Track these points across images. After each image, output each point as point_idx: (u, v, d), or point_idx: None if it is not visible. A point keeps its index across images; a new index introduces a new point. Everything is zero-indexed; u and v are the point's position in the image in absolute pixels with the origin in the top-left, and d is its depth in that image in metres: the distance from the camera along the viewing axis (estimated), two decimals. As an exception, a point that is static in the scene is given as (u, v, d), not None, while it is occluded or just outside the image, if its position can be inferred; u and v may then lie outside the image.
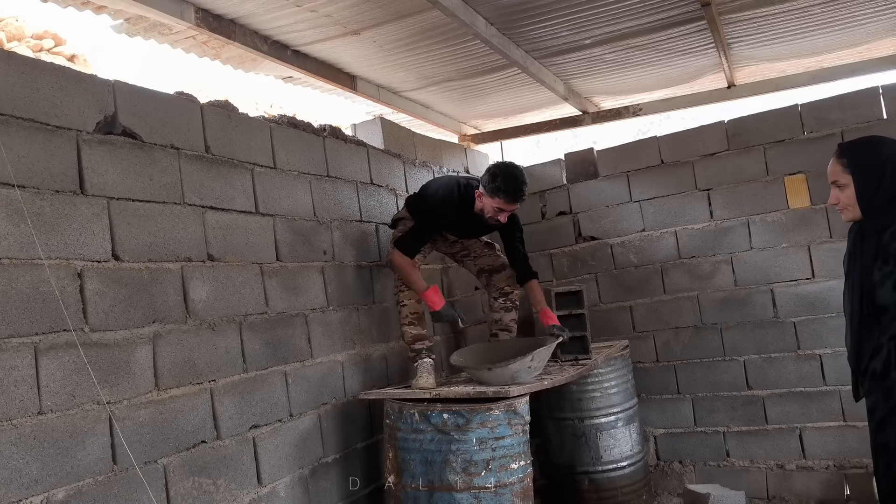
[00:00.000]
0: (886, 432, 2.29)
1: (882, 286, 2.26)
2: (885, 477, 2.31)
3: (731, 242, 4.36)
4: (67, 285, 2.13)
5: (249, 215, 2.89)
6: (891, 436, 2.27)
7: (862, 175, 2.33)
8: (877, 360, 2.30)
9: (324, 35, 3.37)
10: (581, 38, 3.74)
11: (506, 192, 3.25)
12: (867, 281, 2.31)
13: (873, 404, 2.34)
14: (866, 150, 2.39)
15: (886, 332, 2.28)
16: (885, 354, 2.28)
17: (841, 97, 4.14)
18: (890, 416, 2.27)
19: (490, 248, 3.74)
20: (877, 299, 2.29)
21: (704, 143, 4.43)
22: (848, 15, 3.73)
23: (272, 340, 2.90)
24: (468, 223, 3.50)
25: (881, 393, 2.30)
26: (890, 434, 2.27)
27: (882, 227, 2.29)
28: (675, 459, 4.53)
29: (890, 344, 2.27)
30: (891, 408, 2.26)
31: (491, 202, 3.30)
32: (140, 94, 2.49)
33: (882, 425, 2.30)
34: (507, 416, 2.79)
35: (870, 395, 2.36)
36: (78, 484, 2.07)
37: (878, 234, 2.30)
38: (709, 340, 4.42)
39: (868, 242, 2.33)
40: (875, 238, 2.30)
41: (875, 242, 2.30)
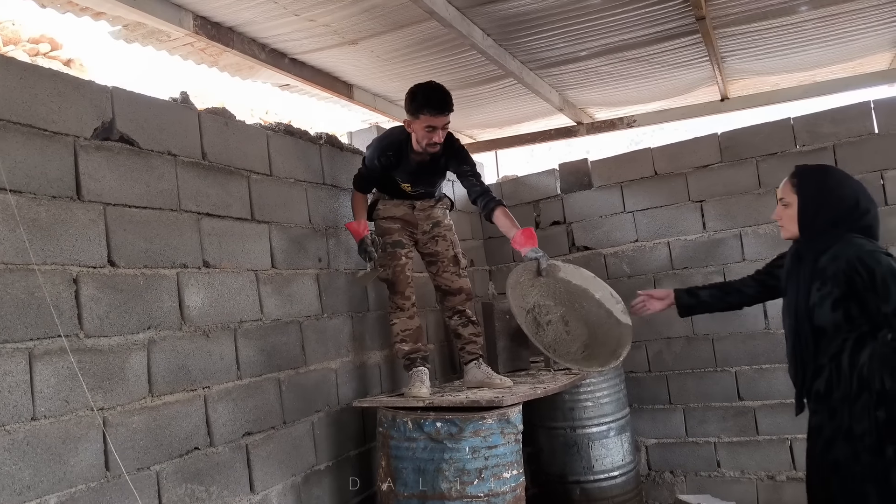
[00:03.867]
0: (835, 451, 2.36)
1: (821, 307, 2.37)
2: (842, 494, 2.35)
3: (724, 254, 4.38)
4: (63, 291, 2.14)
5: (245, 222, 2.90)
6: (838, 455, 2.34)
7: (805, 197, 2.48)
8: (819, 380, 2.40)
9: (321, 44, 3.39)
10: (576, 49, 3.77)
11: (428, 104, 3.05)
12: (804, 302, 2.42)
13: (819, 424, 2.43)
14: (817, 176, 2.53)
15: (826, 353, 2.38)
16: (826, 375, 2.38)
17: (833, 111, 4.18)
18: (836, 434, 2.35)
19: (455, 265, 3.47)
20: (815, 320, 2.40)
21: (698, 155, 4.46)
22: (840, 30, 3.78)
23: (266, 347, 2.90)
24: (415, 164, 3.29)
25: (826, 413, 2.39)
26: (839, 452, 2.34)
27: (820, 251, 2.40)
28: (667, 469, 4.54)
29: (831, 365, 2.37)
30: (836, 427, 2.35)
31: (419, 125, 3.10)
32: (138, 100, 2.50)
33: (830, 444, 2.38)
34: (500, 424, 2.80)
35: (815, 414, 2.45)
36: (70, 490, 2.06)
37: (815, 257, 2.41)
38: (700, 351, 4.44)
39: (805, 264, 2.45)
40: (812, 261, 2.42)
41: (812, 265, 2.42)
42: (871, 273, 2.25)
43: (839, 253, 2.34)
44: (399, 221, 3.41)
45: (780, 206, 2.57)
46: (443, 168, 3.41)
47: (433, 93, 3.08)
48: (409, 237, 3.44)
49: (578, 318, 3.33)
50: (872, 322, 2.29)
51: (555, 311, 3.33)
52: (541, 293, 3.32)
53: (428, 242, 3.46)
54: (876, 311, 2.26)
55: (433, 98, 3.07)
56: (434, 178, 3.47)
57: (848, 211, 2.41)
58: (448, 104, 3.09)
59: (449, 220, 3.55)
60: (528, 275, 3.28)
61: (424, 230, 3.45)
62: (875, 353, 2.28)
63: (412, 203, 3.44)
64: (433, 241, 3.46)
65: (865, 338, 2.31)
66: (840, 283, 2.32)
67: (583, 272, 3.43)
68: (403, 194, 3.41)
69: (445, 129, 3.16)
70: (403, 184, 3.37)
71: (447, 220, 3.54)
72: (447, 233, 3.49)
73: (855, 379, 2.30)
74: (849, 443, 2.31)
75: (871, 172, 4.01)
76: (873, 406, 2.25)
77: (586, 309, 3.34)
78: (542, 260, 3.23)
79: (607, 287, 3.34)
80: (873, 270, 2.25)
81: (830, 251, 2.37)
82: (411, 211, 3.43)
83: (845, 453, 2.32)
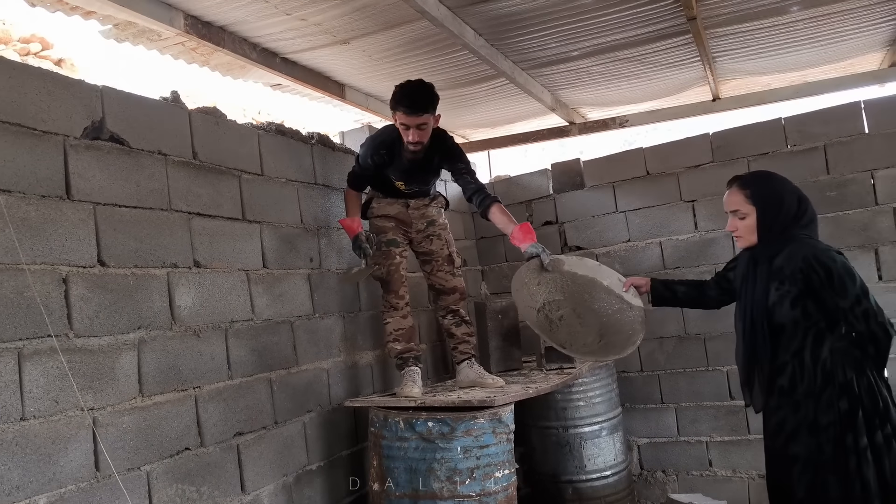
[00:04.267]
0: (797, 444, 2.45)
1: (780, 305, 2.46)
2: (800, 484, 2.44)
3: (715, 253, 4.39)
4: (52, 291, 2.13)
5: (236, 222, 2.89)
6: (801, 448, 2.43)
7: (765, 206, 2.55)
8: (783, 377, 2.49)
9: (313, 44, 3.38)
10: (569, 49, 3.78)
11: (400, 102, 3.07)
12: (763, 302, 2.51)
13: (783, 419, 2.50)
14: (768, 182, 2.62)
15: (788, 350, 2.48)
16: (790, 371, 2.47)
17: (824, 111, 4.19)
18: (799, 429, 2.44)
19: (450, 264, 3.45)
20: (774, 318, 2.49)
21: (689, 155, 4.47)
22: (831, 31, 3.79)
23: (258, 347, 2.90)
24: (407, 162, 3.29)
25: (790, 408, 2.48)
26: (800, 446, 2.44)
27: (773, 254, 2.50)
28: (659, 469, 4.55)
29: (793, 361, 2.46)
30: (799, 421, 2.44)
31: (396, 122, 3.16)
32: (128, 99, 2.49)
33: (793, 438, 2.46)
34: (492, 424, 2.80)
35: (779, 409, 2.52)
36: (60, 490, 2.06)
37: (769, 260, 2.51)
38: (692, 350, 4.46)
39: (761, 267, 2.54)
40: (767, 263, 2.52)
41: (768, 266, 2.51)
42: (827, 271, 2.37)
43: (794, 253, 2.44)
44: (393, 220, 3.40)
45: (735, 219, 2.62)
46: (436, 166, 3.41)
47: (409, 91, 3.09)
48: (404, 236, 3.43)
49: (590, 309, 3.31)
50: (829, 318, 2.41)
51: (566, 306, 3.29)
52: (549, 290, 3.29)
53: (422, 241, 3.46)
54: (834, 307, 2.38)
55: (405, 97, 3.08)
56: (427, 177, 3.46)
57: (796, 214, 2.52)
58: (418, 105, 3.07)
59: (444, 218, 3.54)
60: (533, 273, 3.26)
61: (419, 229, 3.45)
62: (835, 348, 2.40)
63: (406, 202, 3.43)
64: (428, 239, 3.45)
65: (824, 333, 2.43)
66: (797, 282, 2.42)
67: (587, 262, 3.42)
68: (397, 193, 3.41)
69: (422, 129, 3.13)
70: (397, 182, 3.37)
71: (442, 218, 3.52)
72: (442, 231, 3.48)
73: (819, 373, 2.40)
74: (813, 435, 2.40)
75: (862, 172, 4.03)
76: (836, 398, 2.37)
77: (596, 298, 3.32)
78: (544, 256, 3.24)
79: (614, 273, 3.33)
80: (830, 268, 2.37)
81: (784, 252, 2.47)
82: (405, 209, 3.43)
83: (808, 446, 2.41)
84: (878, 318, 2.36)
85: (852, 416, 2.35)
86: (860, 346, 2.39)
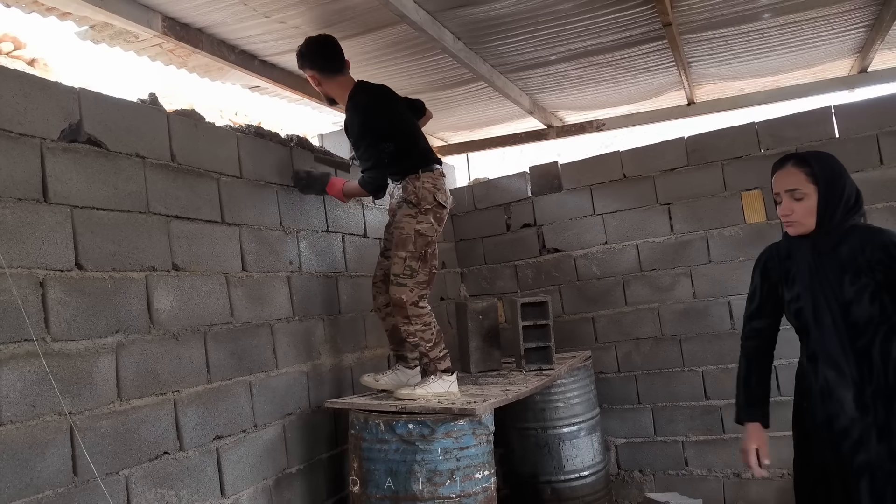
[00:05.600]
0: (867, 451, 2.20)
1: (858, 302, 2.19)
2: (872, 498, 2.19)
3: (691, 256, 4.46)
4: (29, 294, 2.11)
5: (215, 224, 2.88)
6: (873, 454, 2.19)
7: (828, 185, 2.24)
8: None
9: (291, 46, 3.37)
10: (546, 54, 3.82)
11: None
12: (838, 297, 2.23)
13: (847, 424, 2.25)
14: (829, 161, 2.31)
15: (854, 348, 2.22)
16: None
17: (796, 116, 4.27)
18: (868, 433, 2.20)
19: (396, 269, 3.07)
20: (852, 315, 2.21)
21: (665, 159, 4.53)
22: (803, 37, 3.88)
23: (237, 351, 2.89)
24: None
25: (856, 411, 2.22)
26: (872, 452, 2.19)
27: (836, 242, 2.24)
28: (636, 468, 4.60)
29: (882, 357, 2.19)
30: (868, 424, 2.20)
31: None
32: (105, 102, 2.47)
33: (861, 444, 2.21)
34: (472, 426, 2.82)
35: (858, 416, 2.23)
36: (37, 496, 2.03)
37: (833, 250, 2.24)
38: (668, 351, 4.51)
39: (827, 258, 2.26)
40: (832, 254, 2.24)
41: (835, 258, 2.24)
42: None
43: (867, 241, 2.19)
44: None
45: (790, 200, 2.28)
46: (351, 130, 3.16)
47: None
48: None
49: None
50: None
51: None
52: None
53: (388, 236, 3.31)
54: None
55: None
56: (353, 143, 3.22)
57: (857, 199, 2.27)
58: (299, 58, 3.10)
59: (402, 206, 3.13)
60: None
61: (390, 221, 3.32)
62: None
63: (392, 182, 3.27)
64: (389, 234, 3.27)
65: (895, 329, 2.19)
66: (876, 273, 2.16)
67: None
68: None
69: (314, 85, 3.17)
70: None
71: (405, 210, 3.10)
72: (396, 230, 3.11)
73: (891, 372, 2.16)
74: (884, 441, 2.15)
75: (832, 176, 4.11)
76: None
77: None
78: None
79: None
80: None
81: (850, 240, 2.22)
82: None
83: (880, 453, 2.16)
84: None
85: None
86: None
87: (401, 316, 3.03)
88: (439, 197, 3.07)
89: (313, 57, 3.07)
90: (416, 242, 3.01)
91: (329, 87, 3.14)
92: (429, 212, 3.04)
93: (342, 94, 3.14)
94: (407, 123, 3.17)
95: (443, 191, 3.09)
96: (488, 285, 5.08)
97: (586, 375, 4.16)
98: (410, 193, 3.05)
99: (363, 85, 3.13)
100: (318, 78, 3.11)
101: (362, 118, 3.03)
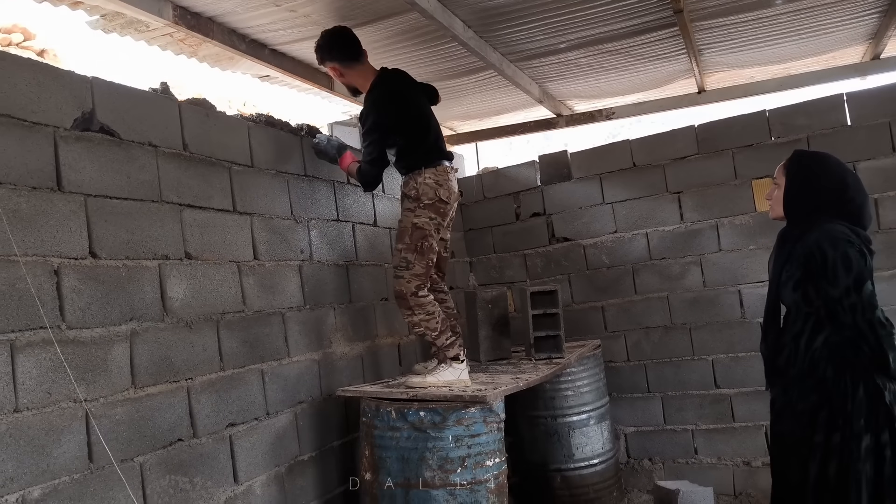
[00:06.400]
0: (781, 423, 2.55)
1: (785, 287, 2.50)
2: (777, 463, 2.57)
3: (701, 244, 4.45)
4: (44, 282, 2.12)
5: (227, 213, 2.89)
6: (785, 427, 2.52)
7: (792, 180, 2.58)
8: (781, 357, 2.53)
9: (302, 35, 3.38)
10: (556, 42, 3.80)
11: None
12: (776, 281, 2.56)
13: (774, 397, 2.60)
14: (808, 161, 2.61)
15: (790, 332, 2.51)
16: (786, 353, 2.51)
17: (807, 103, 4.25)
18: (784, 409, 2.52)
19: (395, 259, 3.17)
20: (782, 299, 2.55)
21: (675, 147, 4.52)
22: (814, 24, 3.84)
23: (249, 339, 2.90)
24: None
25: (780, 388, 2.55)
26: (784, 425, 2.52)
27: (798, 235, 2.50)
28: (645, 457, 4.61)
29: (791, 344, 2.49)
30: (786, 402, 2.51)
31: None
32: (118, 91, 2.48)
33: (779, 417, 2.57)
34: (483, 413, 2.82)
35: (773, 387, 2.60)
36: (54, 482, 2.06)
37: (794, 241, 2.51)
38: (678, 340, 4.51)
39: (784, 247, 2.56)
40: (791, 244, 2.52)
41: (790, 248, 2.52)
42: (823, 257, 2.36)
43: (808, 236, 2.44)
44: None
45: (773, 186, 2.68)
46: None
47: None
48: None
49: None
50: (826, 307, 2.39)
51: None
52: None
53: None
54: (826, 296, 2.37)
55: None
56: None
57: (832, 199, 2.48)
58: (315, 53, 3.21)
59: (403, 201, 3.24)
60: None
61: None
62: (829, 341, 2.40)
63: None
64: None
65: (823, 322, 2.42)
66: (800, 266, 2.45)
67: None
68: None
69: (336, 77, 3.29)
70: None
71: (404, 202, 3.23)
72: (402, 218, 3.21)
73: (807, 360, 2.43)
74: (791, 418, 2.48)
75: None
76: (810, 390, 2.42)
77: None
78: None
79: None
80: (825, 255, 2.36)
81: (807, 236, 2.45)
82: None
83: (787, 427, 2.51)
84: (865, 315, 2.34)
85: (816, 411, 2.39)
86: (854, 344, 2.36)
87: (403, 307, 3.10)
88: (441, 193, 3.11)
89: (332, 48, 3.14)
90: (413, 235, 3.07)
91: (351, 77, 3.23)
92: (428, 207, 3.10)
93: (364, 84, 3.21)
94: (419, 117, 3.21)
95: (446, 187, 3.13)
96: (497, 274, 5.09)
97: (596, 364, 4.16)
98: (411, 189, 3.13)
99: (384, 75, 3.19)
100: (339, 69, 3.20)
101: (375, 115, 3.11)
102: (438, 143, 3.26)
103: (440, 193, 3.11)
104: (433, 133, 3.24)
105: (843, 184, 2.49)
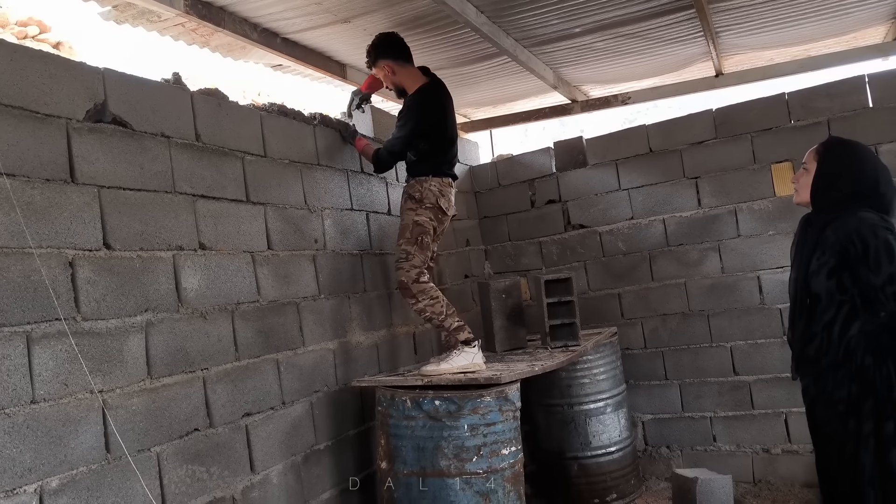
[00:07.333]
0: (816, 414, 2.54)
1: (817, 275, 2.46)
2: (819, 457, 2.55)
3: (719, 230, 4.39)
4: (59, 274, 2.13)
5: (240, 203, 2.89)
6: (819, 417, 2.51)
7: (823, 166, 2.54)
8: (811, 346, 2.50)
9: (314, 23, 3.36)
10: (571, 26, 3.75)
11: None
12: (805, 269, 2.51)
13: (806, 387, 2.57)
14: (840, 149, 2.57)
15: (821, 322, 2.47)
16: (818, 342, 2.47)
17: (827, 86, 4.17)
18: (818, 399, 2.50)
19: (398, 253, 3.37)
20: (812, 287, 2.49)
21: (692, 132, 4.45)
22: (834, 4, 3.76)
23: (264, 329, 2.90)
24: None
25: (812, 377, 2.52)
26: (819, 415, 2.51)
27: (827, 222, 2.46)
28: (663, 444, 4.58)
29: (823, 333, 2.45)
30: (819, 391, 2.48)
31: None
32: (130, 81, 2.48)
33: (812, 407, 2.55)
34: (499, 402, 2.82)
35: (804, 377, 2.57)
36: (72, 472, 2.07)
37: (821, 228, 2.47)
38: (696, 327, 4.47)
39: (811, 234, 2.53)
40: (818, 231, 2.48)
41: (817, 235, 2.48)
42: (865, 244, 2.33)
43: (841, 224, 2.40)
44: None
45: (802, 170, 2.64)
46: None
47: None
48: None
49: None
50: (864, 295, 2.36)
51: None
52: None
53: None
54: (867, 284, 2.34)
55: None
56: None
57: (863, 190, 2.46)
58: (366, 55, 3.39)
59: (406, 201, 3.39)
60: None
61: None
62: (864, 329, 2.37)
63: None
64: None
65: (858, 311, 2.39)
66: (836, 253, 2.40)
67: None
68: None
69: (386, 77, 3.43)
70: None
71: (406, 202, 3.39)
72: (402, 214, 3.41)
73: (842, 349, 2.39)
74: (826, 408, 2.46)
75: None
76: (849, 378, 2.38)
77: None
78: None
79: None
80: (867, 242, 2.32)
81: (835, 222, 2.43)
82: None
83: (823, 417, 2.49)
84: None
85: (860, 400, 2.35)
86: (892, 332, 2.33)
87: (407, 297, 3.26)
88: (441, 202, 3.33)
89: (390, 46, 3.32)
90: (413, 231, 3.27)
91: (402, 77, 3.38)
92: (429, 209, 3.30)
93: (412, 85, 3.37)
94: (447, 133, 3.43)
95: (447, 198, 3.36)
96: (513, 262, 5.06)
97: (612, 352, 4.14)
98: (416, 191, 3.32)
99: (435, 83, 3.40)
100: (392, 67, 3.34)
101: (417, 117, 3.29)
102: (453, 160, 3.48)
103: (441, 202, 3.32)
104: (454, 150, 3.48)
105: (876, 177, 2.47)
